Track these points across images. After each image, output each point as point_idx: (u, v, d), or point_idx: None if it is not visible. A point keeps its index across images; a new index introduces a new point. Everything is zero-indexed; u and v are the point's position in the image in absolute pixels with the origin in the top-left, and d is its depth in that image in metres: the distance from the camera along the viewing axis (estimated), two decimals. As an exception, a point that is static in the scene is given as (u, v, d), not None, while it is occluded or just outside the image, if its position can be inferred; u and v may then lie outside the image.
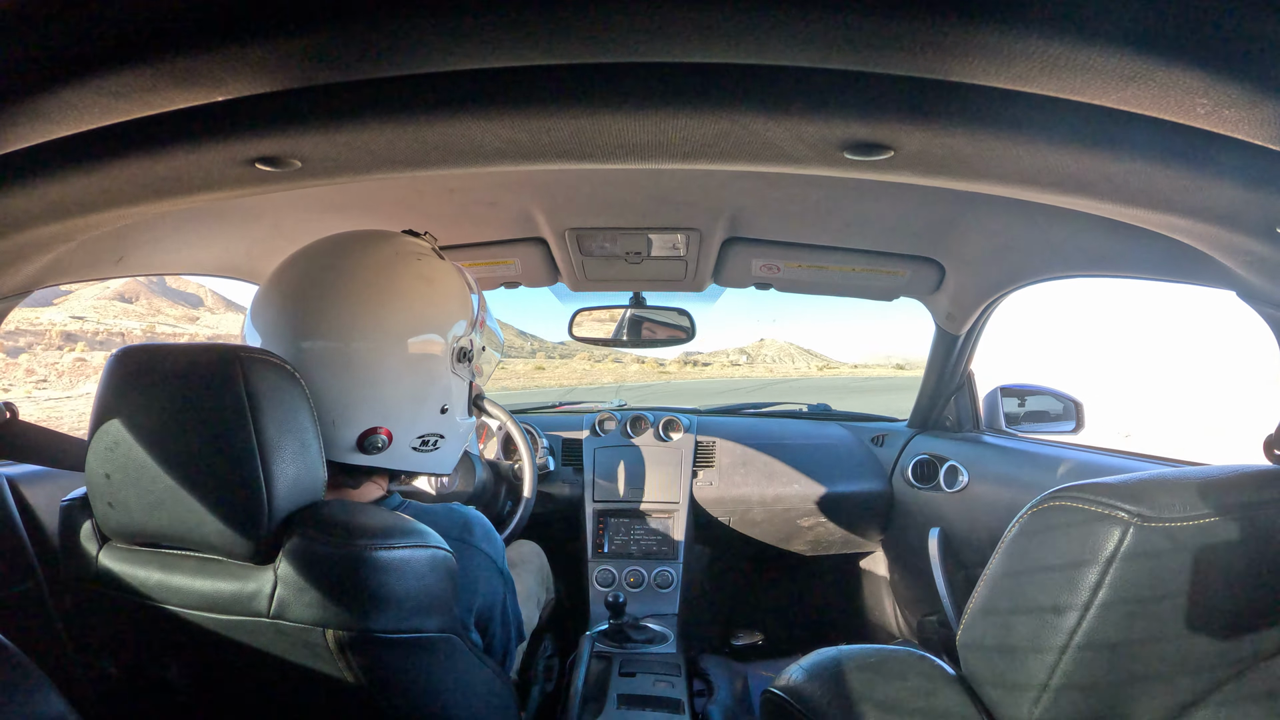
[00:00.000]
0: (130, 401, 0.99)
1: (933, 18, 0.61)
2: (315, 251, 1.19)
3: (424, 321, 1.20)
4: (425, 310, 1.20)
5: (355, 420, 1.15)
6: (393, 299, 1.16)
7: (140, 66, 0.71)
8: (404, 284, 1.18)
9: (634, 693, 1.96)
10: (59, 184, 0.98)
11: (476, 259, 2.34)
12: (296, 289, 1.14)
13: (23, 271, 1.31)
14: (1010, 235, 1.86)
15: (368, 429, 1.16)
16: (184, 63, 0.71)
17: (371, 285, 1.15)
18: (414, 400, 1.21)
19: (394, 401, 1.18)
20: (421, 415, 1.23)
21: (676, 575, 2.53)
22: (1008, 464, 2.27)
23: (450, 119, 0.85)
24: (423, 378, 1.21)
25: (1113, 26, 0.60)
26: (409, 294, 1.18)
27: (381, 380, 1.16)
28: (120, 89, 0.75)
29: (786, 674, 1.02)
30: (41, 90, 0.75)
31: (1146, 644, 0.76)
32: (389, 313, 1.15)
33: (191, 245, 1.78)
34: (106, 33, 0.68)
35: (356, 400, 1.14)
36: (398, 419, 1.19)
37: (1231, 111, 0.68)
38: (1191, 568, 0.75)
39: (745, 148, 0.91)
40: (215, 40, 0.68)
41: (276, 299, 1.16)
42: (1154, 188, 0.87)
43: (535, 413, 3.18)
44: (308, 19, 0.66)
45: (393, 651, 1.00)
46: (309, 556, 0.96)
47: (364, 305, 1.13)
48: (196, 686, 1.10)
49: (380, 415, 1.17)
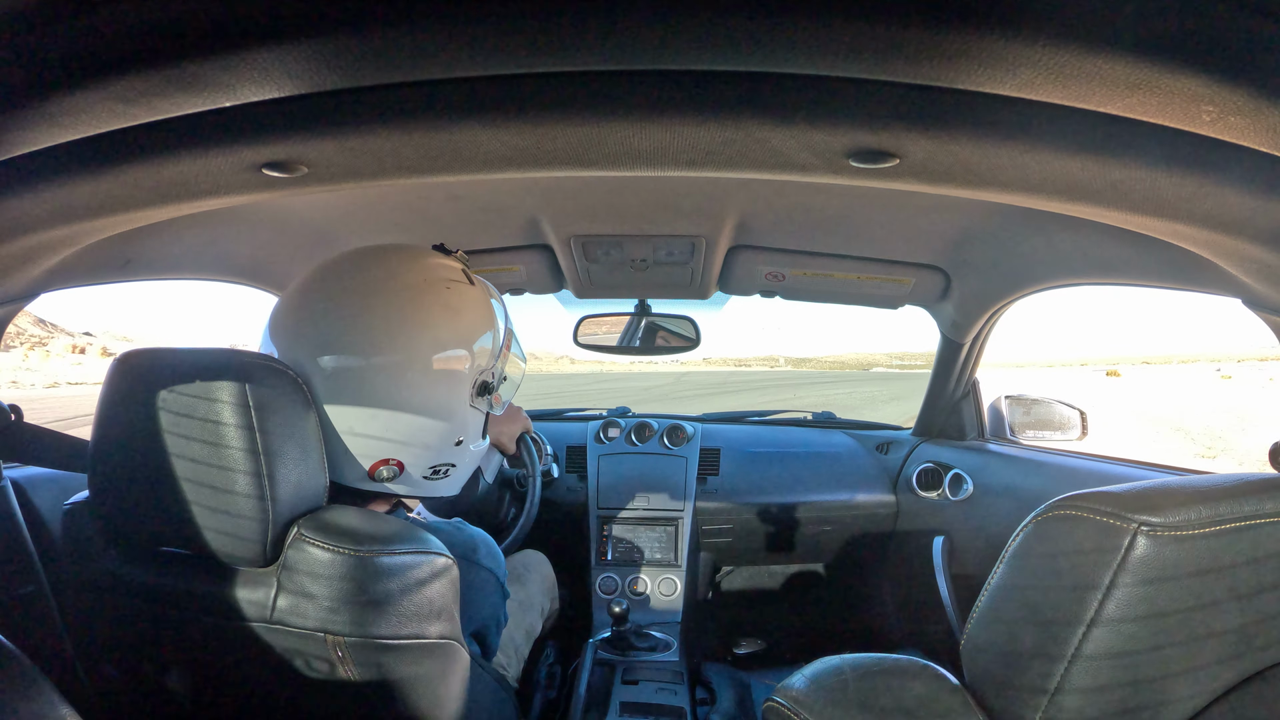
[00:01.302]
0: (134, 405, 0.99)
1: (938, 25, 0.61)
2: (340, 265, 1.17)
3: (445, 352, 1.17)
4: (448, 340, 1.17)
5: (369, 452, 1.14)
6: (416, 328, 1.14)
7: (148, 72, 0.71)
8: (430, 313, 1.15)
9: (636, 700, 1.96)
10: (66, 188, 0.98)
11: (481, 265, 2.34)
12: (319, 305, 1.13)
13: (28, 275, 1.31)
14: (1015, 243, 1.86)
15: (380, 460, 1.15)
16: (192, 68, 0.71)
17: (396, 311, 1.13)
18: (428, 432, 1.19)
19: (409, 434, 1.16)
20: (436, 447, 1.21)
21: (680, 583, 2.52)
22: (1013, 472, 2.27)
23: (456, 125, 0.85)
24: (441, 413, 1.19)
25: (1117, 33, 0.60)
26: (433, 324, 1.16)
27: (398, 411, 1.14)
28: (128, 94, 0.75)
29: (789, 683, 1.02)
30: (50, 94, 0.75)
31: (1152, 652, 0.76)
32: (408, 340, 1.13)
33: (197, 250, 1.78)
34: (115, 38, 0.69)
35: (371, 430, 1.13)
36: (411, 451, 1.18)
37: (1237, 118, 0.68)
38: (1197, 576, 0.74)
39: (750, 155, 0.91)
40: (223, 46, 0.68)
41: (297, 313, 1.14)
42: (1159, 195, 0.87)
43: (540, 420, 3.17)
44: (315, 25, 0.66)
45: (394, 657, 1.00)
46: (311, 561, 0.96)
47: (385, 332, 1.11)
48: (198, 690, 1.10)
49: (394, 448, 1.15)
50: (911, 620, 2.75)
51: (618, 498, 2.65)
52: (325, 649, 0.97)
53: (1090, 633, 0.75)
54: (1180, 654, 0.77)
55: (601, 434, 2.82)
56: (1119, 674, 0.76)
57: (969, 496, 2.35)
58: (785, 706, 0.98)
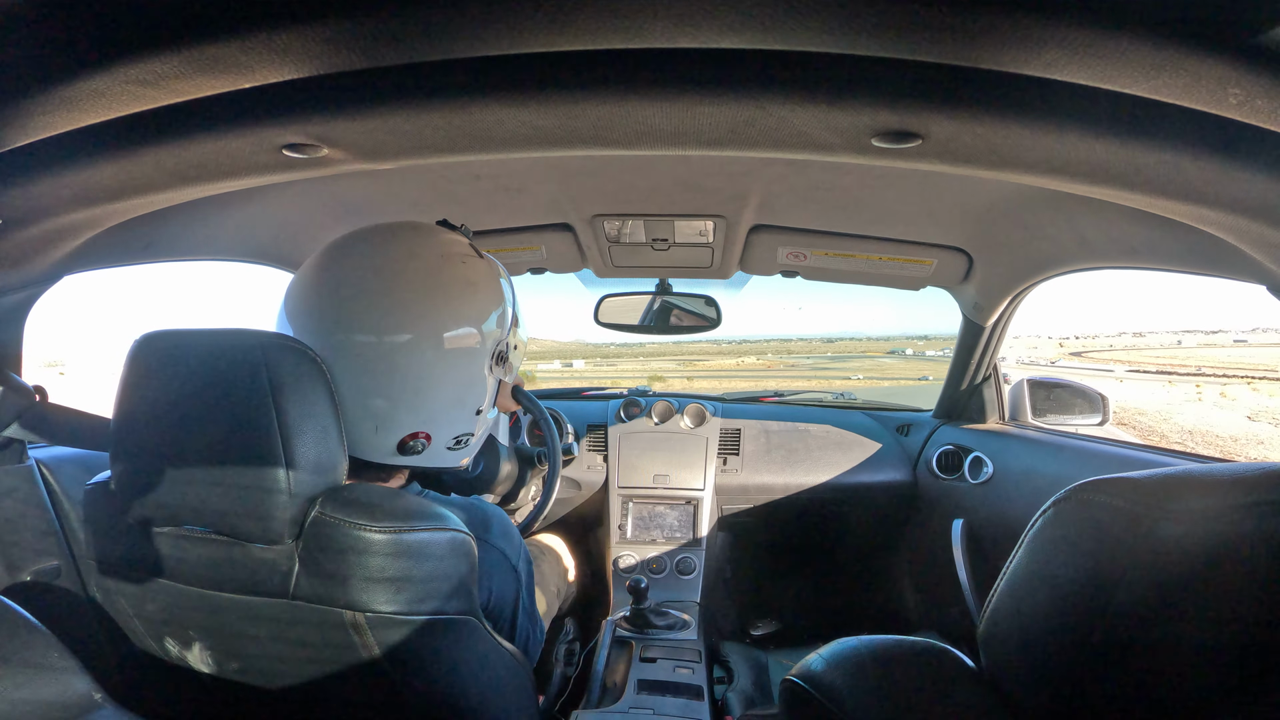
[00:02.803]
0: (153, 385, 1.00)
1: (962, 3, 0.61)
2: (354, 244, 1.18)
3: (467, 326, 1.19)
4: (470, 314, 1.19)
5: (398, 426, 1.15)
6: (441, 304, 1.16)
7: (168, 54, 0.72)
8: (451, 288, 1.17)
9: (654, 678, 1.97)
10: (88, 171, 0.99)
11: (503, 245, 2.35)
12: (341, 282, 1.14)
13: (52, 258, 1.33)
14: (1039, 225, 1.84)
15: (410, 434, 1.17)
16: (212, 50, 0.72)
17: (417, 286, 1.14)
18: (455, 405, 1.21)
19: (437, 407, 1.18)
20: (460, 418, 1.23)
21: (699, 562, 2.53)
22: (1033, 456, 2.26)
23: (477, 105, 0.86)
24: (464, 383, 1.22)
25: (1143, 13, 0.60)
26: (455, 299, 1.18)
27: (426, 386, 1.16)
28: (148, 77, 0.76)
29: (806, 662, 1.02)
30: (69, 79, 0.76)
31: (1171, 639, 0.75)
32: (435, 316, 1.15)
33: (220, 231, 1.80)
34: (134, 21, 0.69)
35: (401, 406, 1.14)
36: (438, 423, 1.20)
37: (1264, 101, 0.68)
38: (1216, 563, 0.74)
39: (772, 135, 0.91)
40: (242, 27, 0.69)
41: (314, 290, 1.15)
42: (1184, 178, 0.87)
43: (561, 398, 3.19)
44: (335, 5, 0.66)
45: (412, 632, 1.01)
46: (330, 538, 0.97)
47: (409, 306, 1.13)
48: (219, 666, 1.12)
49: (422, 420, 1.17)
50: (929, 603, 2.75)
51: (638, 476, 2.66)
52: (345, 625, 0.99)
53: (1107, 619, 0.75)
54: (1199, 643, 0.76)
55: (622, 413, 2.83)
56: (1136, 661, 0.76)
57: (989, 479, 2.34)
58: (802, 686, 0.99)
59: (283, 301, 1.18)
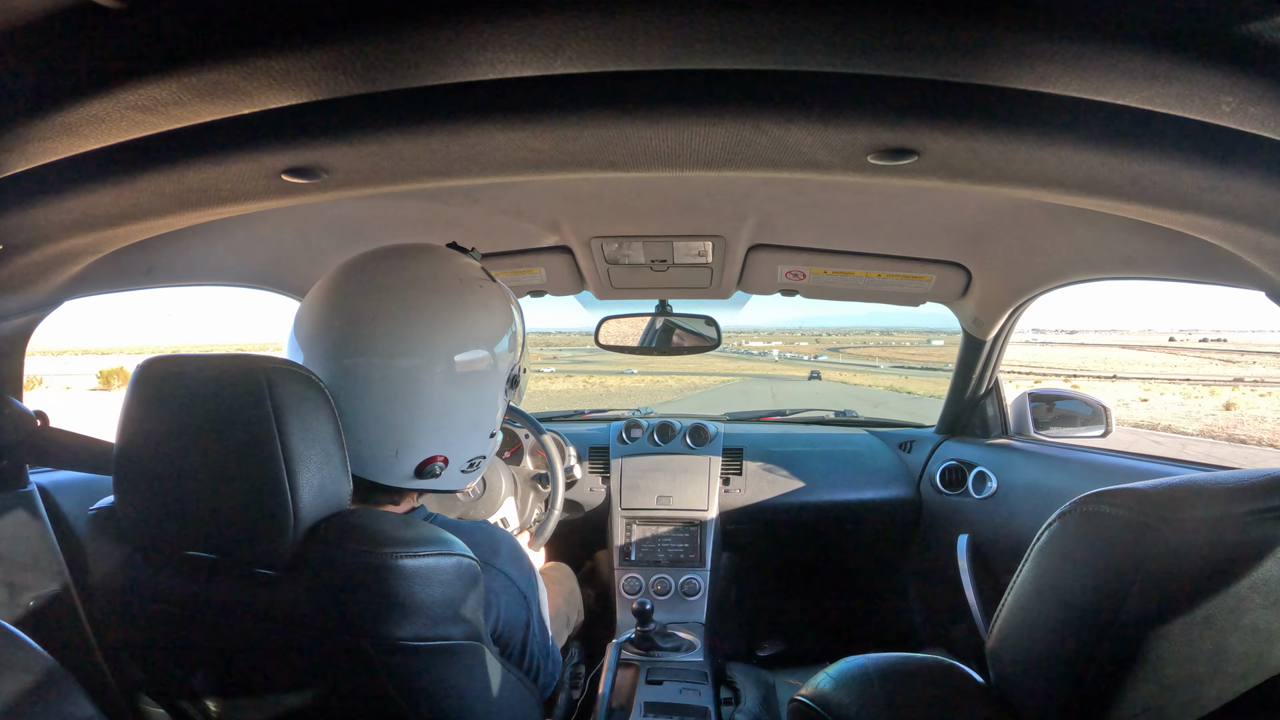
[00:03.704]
0: (157, 411, 1.00)
1: (954, 20, 0.61)
2: (369, 265, 1.18)
3: (484, 349, 1.20)
4: (487, 337, 1.20)
5: (419, 449, 1.16)
6: (462, 328, 1.17)
7: (167, 80, 0.72)
8: (470, 312, 1.18)
9: (661, 700, 1.96)
10: (88, 196, 1.00)
11: (502, 268, 2.35)
12: (354, 304, 1.14)
13: (53, 283, 1.34)
14: (1037, 238, 1.84)
15: (429, 458, 1.17)
16: (211, 75, 0.72)
17: (438, 310, 1.15)
18: (473, 428, 1.22)
19: (457, 430, 1.19)
20: (476, 440, 1.24)
21: (704, 583, 2.52)
22: (1037, 469, 2.25)
23: (475, 129, 0.86)
24: (484, 407, 1.23)
25: (1134, 25, 0.60)
26: (475, 323, 1.19)
27: (449, 410, 1.16)
28: (148, 102, 0.76)
29: (814, 682, 1.01)
30: (70, 104, 0.77)
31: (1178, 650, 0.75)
32: (458, 339, 1.16)
33: (220, 256, 1.80)
34: (133, 47, 0.70)
35: (424, 430, 1.15)
36: (456, 447, 1.20)
37: (1258, 109, 0.68)
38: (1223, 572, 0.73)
39: (769, 154, 0.91)
40: (241, 53, 0.69)
41: (329, 313, 1.15)
42: (1180, 188, 0.87)
43: (562, 421, 3.19)
44: (333, 32, 0.67)
45: (418, 659, 1.00)
46: (335, 565, 0.96)
47: (433, 329, 1.14)
48: (223, 692, 1.11)
49: (441, 444, 1.18)
50: (936, 620, 2.73)
51: (641, 498, 2.64)
52: (349, 651, 0.98)
53: (1116, 631, 0.74)
54: (1207, 652, 0.76)
55: (624, 434, 2.82)
56: (1145, 673, 0.75)
57: (993, 494, 2.33)
58: (811, 706, 0.98)
59: (293, 326, 1.18)
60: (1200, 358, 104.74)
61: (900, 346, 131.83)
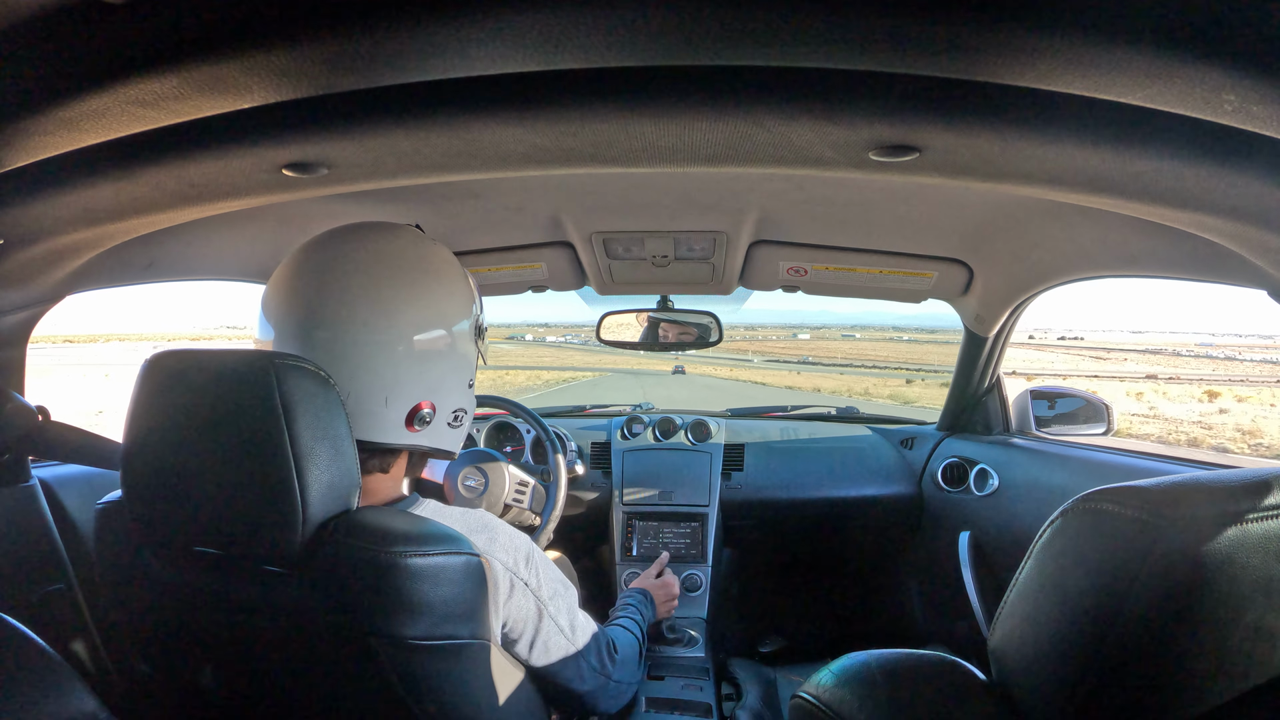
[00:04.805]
0: (165, 406, 1.00)
1: (956, 17, 0.61)
2: (350, 244, 1.20)
3: (458, 300, 1.24)
4: (457, 290, 1.24)
5: (407, 395, 1.17)
6: (434, 282, 1.19)
7: (167, 74, 0.72)
8: (439, 268, 1.22)
9: (662, 696, 1.96)
10: (89, 191, 1.00)
11: (504, 263, 2.36)
12: (345, 282, 1.14)
13: (54, 277, 1.34)
14: (1038, 236, 1.84)
15: (416, 404, 1.18)
16: (211, 70, 0.72)
17: (421, 279, 1.18)
18: (453, 374, 1.25)
19: (439, 377, 1.21)
20: (457, 388, 1.27)
21: (705, 578, 2.51)
22: (1039, 467, 2.25)
23: (475, 124, 0.86)
24: (459, 356, 1.25)
25: (1137, 23, 0.60)
26: (445, 277, 1.22)
27: (427, 359, 1.18)
28: (148, 97, 0.76)
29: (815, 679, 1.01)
30: (70, 99, 0.77)
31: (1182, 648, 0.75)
32: (432, 294, 1.19)
33: (221, 251, 1.80)
34: (133, 41, 0.70)
35: (408, 377, 1.16)
36: (440, 393, 1.22)
37: (1260, 108, 0.68)
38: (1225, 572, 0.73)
39: (770, 150, 0.91)
40: (241, 48, 0.69)
41: (297, 288, 1.15)
42: (1182, 186, 0.87)
43: (564, 416, 3.19)
44: (333, 26, 0.67)
45: (426, 658, 1.00)
46: (343, 563, 0.96)
47: (419, 299, 1.16)
48: (229, 689, 1.11)
49: (427, 389, 1.19)
50: (938, 617, 2.73)
51: (643, 493, 2.65)
52: (357, 649, 0.98)
53: (1118, 628, 0.74)
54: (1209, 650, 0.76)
55: (625, 430, 2.83)
56: (1147, 670, 0.75)
57: (994, 491, 2.33)
58: (812, 703, 0.98)
59: (261, 306, 1.20)
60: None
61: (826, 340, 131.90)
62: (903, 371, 78.28)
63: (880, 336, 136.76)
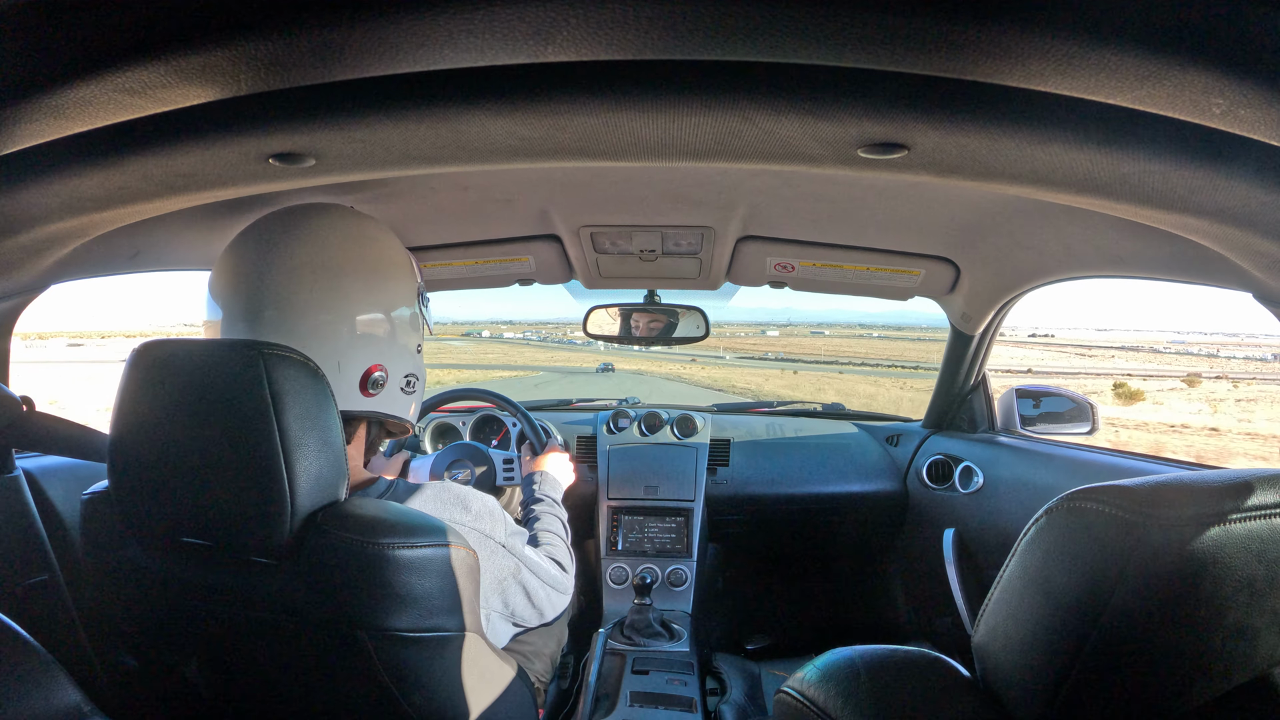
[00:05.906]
0: (152, 397, 0.99)
1: (946, 15, 0.61)
2: (274, 220, 1.23)
3: (400, 269, 1.27)
4: (398, 259, 1.28)
5: (358, 360, 1.19)
6: (375, 255, 1.23)
7: (154, 63, 0.72)
8: (379, 241, 1.25)
9: (647, 690, 1.96)
10: (75, 180, 0.99)
11: (491, 256, 2.35)
12: (300, 264, 1.16)
13: (39, 267, 1.32)
14: (1025, 235, 1.85)
15: (369, 368, 1.20)
16: (199, 59, 0.71)
17: (350, 245, 1.21)
18: (404, 334, 1.28)
19: (389, 340, 1.24)
20: (405, 352, 1.29)
21: (690, 573, 2.52)
22: (1023, 465, 2.26)
23: (463, 116, 0.86)
24: (405, 319, 1.28)
25: (1126, 25, 0.60)
26: (385, 249, 1.26)
27: (376, 323, 1.21)
28: (135, 85, 0.75)
29: (800, 674, 1.01)
30: (57, 86, 0.76)
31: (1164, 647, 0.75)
32: (375, 266, 1.22)
33: (206, 241, 1.79)
34: (120, 29, 0.69)
35: (358, 342, 1.18)
36: (390, 355, 1.24)
37: (1248, 111, 0.68)
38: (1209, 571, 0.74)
39: (759, 146, 0.91)
40: (229, 37, 0.68)
41: (245, 267, 1.17)
42: (1169, 188, 0.87)
43: (549, 410, 3.18)
44: (319, 16, 0.66)
45: (414, 649, 1.00)
46: (331, 554, 0.96)
47: (354, 262, 1.19)
48: (216, 681, 1.10)
49: (377, 353, 1.22)
50: (922, 613, 2.74)
51: (628, 488, 2.64)
52: (344, 640, 0.98)
53: (1101, 627, 0.75)
54: (1191, 649, 0.76)
55: (611, 424, 2.82)
56: (1130, 668, 0.76)
57: (979, 489, 2.34)
58: (796, 698, 0.98)
59: (208, 290, 1.21)
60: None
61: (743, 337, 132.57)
62: (881, 369, 78.54)
63: (849, 334, 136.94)
